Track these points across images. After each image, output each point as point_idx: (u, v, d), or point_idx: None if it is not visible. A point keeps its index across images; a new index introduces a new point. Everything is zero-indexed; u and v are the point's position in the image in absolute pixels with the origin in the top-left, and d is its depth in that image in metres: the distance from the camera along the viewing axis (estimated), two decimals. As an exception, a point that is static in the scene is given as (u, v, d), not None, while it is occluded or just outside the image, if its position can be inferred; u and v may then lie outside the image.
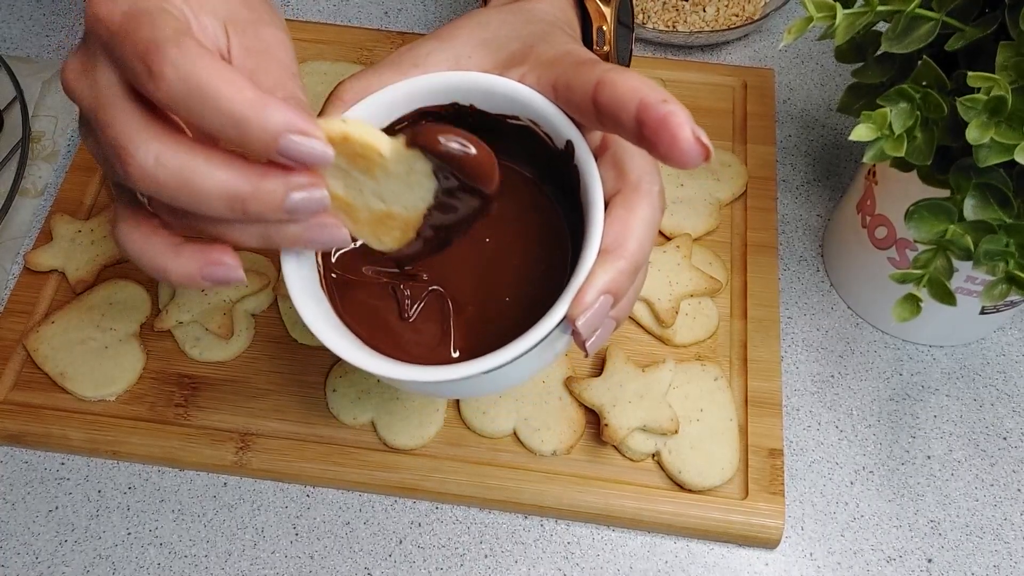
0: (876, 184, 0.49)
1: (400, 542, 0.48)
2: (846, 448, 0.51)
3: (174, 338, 0.53)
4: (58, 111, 0.64)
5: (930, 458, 0.50)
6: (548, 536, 0.48)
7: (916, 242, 0.39)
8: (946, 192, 0.40)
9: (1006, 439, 0.51)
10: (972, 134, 0.36)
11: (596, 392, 0.49)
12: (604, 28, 0.43)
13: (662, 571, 0.47)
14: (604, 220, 0.34)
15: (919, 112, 0.39)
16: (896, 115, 0.39)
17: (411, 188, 0.33)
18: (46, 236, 0.56)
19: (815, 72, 0.66)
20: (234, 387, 0.52)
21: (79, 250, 0.55)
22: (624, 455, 0.49)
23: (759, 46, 0.67)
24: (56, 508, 0.49)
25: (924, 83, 0.39)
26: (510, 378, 0.37)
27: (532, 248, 0.39)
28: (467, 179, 0.32)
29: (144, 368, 0.52)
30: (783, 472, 0.48)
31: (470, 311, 0.38)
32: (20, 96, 0.61)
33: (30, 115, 0.61)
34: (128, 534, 0.49)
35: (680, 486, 0.48)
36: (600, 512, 0.48)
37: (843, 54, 0.45)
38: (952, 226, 0.39)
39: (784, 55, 0.66)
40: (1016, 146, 0.36)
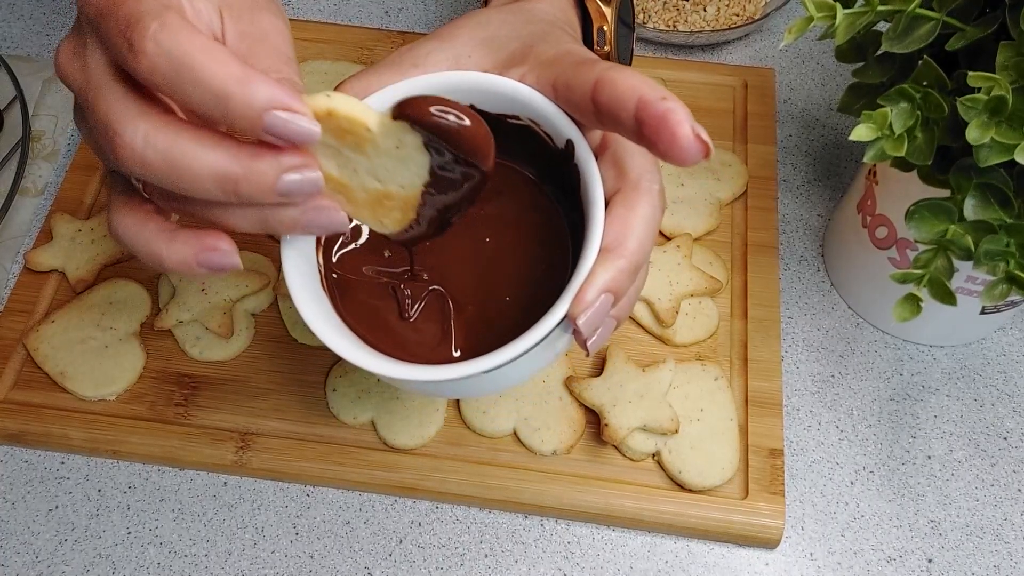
0: (876, 184, 0.49)
1: (400, 542, 0.48)
2: (846, 448, 0.51)
3: (174, 337, 0.53)
4: (58, 110, 0.64)
5: (930, 458, 0.50)
6: (548, 536, 0.48)
7: (916, 242, 0.39)
8: (946, 192, 0.40)
9: (1006, 439, 0.51)
10: (972, 134, 0.36)
11: (596, 392, 0.49)
12: (605, 28, 0.43)
13: (662, 571, 0.47)
14: (604, 219, 0.34)
15: (919, 112, 0.39)
16: (896, 115, 0.39)
17: (404, 164, 0.32)
18: (46, 235, 0.56)
19: (816, 72, 0.66)
20: (234, 386, 0.52)
21: (79, 249, 0.55)
22: (624, 455, 0.49)
23: (760, 46, 0.67)
24: (56, 507, 0.49)
25: (924, 83, 0.39)
26: (511, 378, 0.37)
27: (533, 248, 0.39)
28: (461, 152, 0.31)
29: (144, 367, 0.52)
30: (783, 472, 0.48)
31: (471, 311, 0.38)
32: (20, 95, 0.61)
33: (30, 114, 0.61)
34: (128, 533, 0.49)
35: (680, 486, 0.48)
36: (600, 512, 0.48)
37: (843, 54, 0.45)
38: (952, 226, 0.39)
39: (785, 55, 0.66)
40: (1016, 146, 0.36)
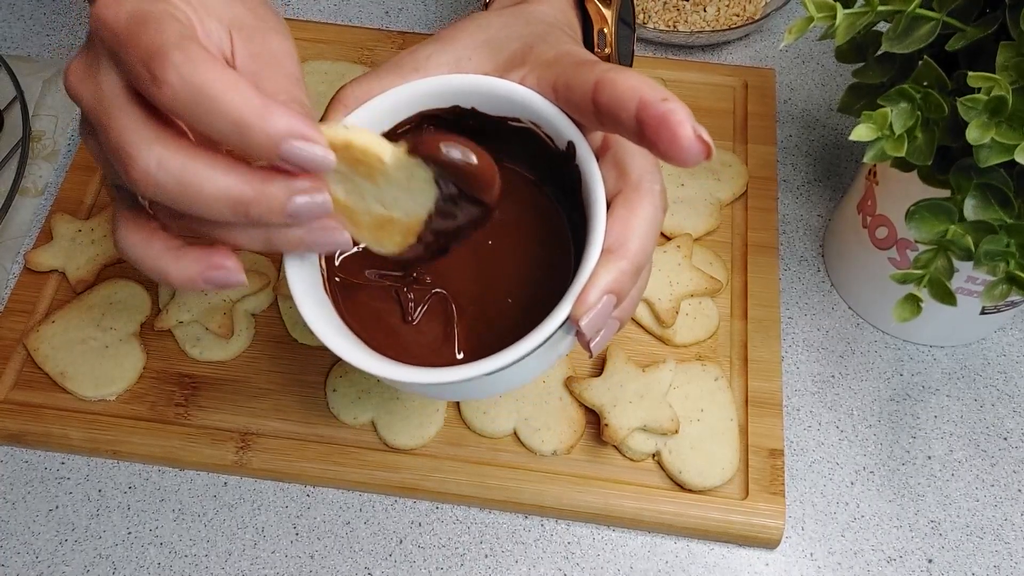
0: (877, 184, 0.49)
1: (400, 542, 0.48)
2: (846, 448, 0.51)
3: (174, 338, 0.53)
4: (58, 110, 0.64)
5: (930, 458, 0.50)
6: (548, 536, 0.48)
7: (917, 242, 0.39)
8: (947, 192, 0.40)
9: (1007, 439, 0.51)
10: (973, 134, 0.36)
11: (596, 392, 0.49)
12: (605, 30, 0.43)
13: (662, 571, 0.47)
14: (606, 220, 0.34)
15: (920, 112, 0.39)
16: (897, 115, 0.39)
17: (412, 194, 0.33)
18: (46, 236, 0.56)
19: (816, 72, 0.66)
20: (234, 387, 0.52)
21: (79, 249, 0.55)
22: (624, 455, 0.49)
23: (760, 46, 0.67)
24: (56, 507, 0.49)
25: (925, 83, 0.39)
26: (513, 379, 0.37)
27: (534, 250, 0.39)
28: (467, 188, 0.32)
29: (144, 368, 0.52)
30: (783, 472, 0.48)
31: (473, 313, 0.38)
32: (20, 95, 0.61)
33: (30, 114, 0.61)
34: (128, 533, 0.49)
35: (680, 486, 0.48)
36: (600, 512, 0.48)
37: (844, 54, 0.45)
38: (953, 226, 0.39)
39: (785, 55, 0.66)
40: (1016, 146, 0.36)
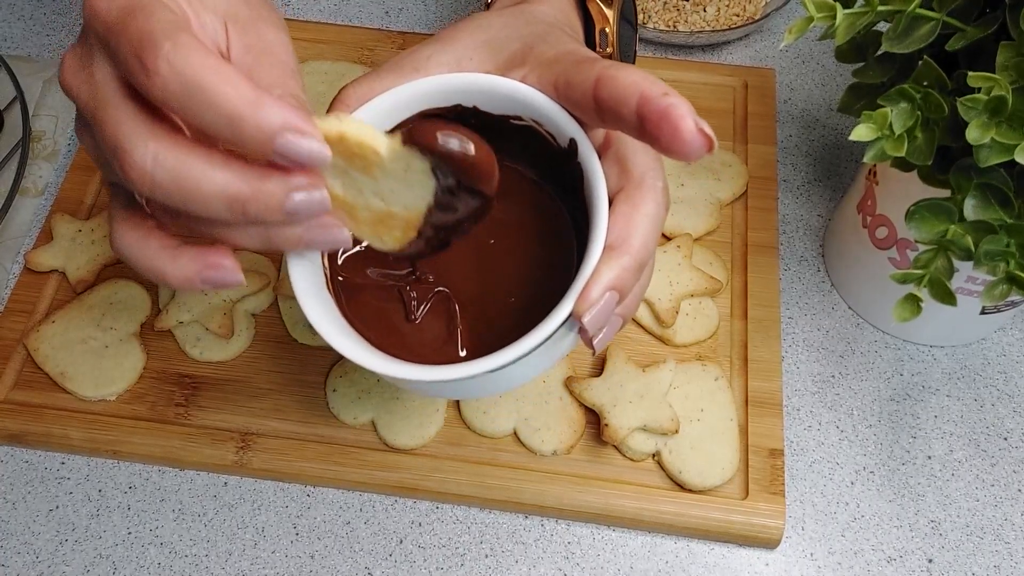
0: (877, 184, 0.49)
1: (400, 542, 0.48)
2: (847, 448, 0.51)
3: (174, 338, 0.53)
4: (59, 110, 0.64)
5: (931, 458, 0.50)
6: (548, 536, 0.48)
7: (917, 242, 0.39)
8: (947, 192, 0.40)
9: (1007, 439, 0.51)
10: (973, 134, 0.36)
11: (596, 392, 0.49)
12: (607, 30, 0.43)
13: (662, 571, 0.47)
14: (608, 217, 0.34)
15: (920, 112, 0.39)
16: (897, 115, 0.39)
17: (410, 187, 0.32)
18: (46, 236, 0.56)
19: (816, 72, 0.66)
20: (234, 387, 0.52)
21: (79, 250, 0.55)
22: (624, 455, 0.49)
23: (760, 46, 0.67)
24: (56, 507, 0.49)
25: (925, 83, 0.39)
26: (516, 377, 0.37)
27: (537, 248, 0.39)
28: (466, 179, 0.32)
29: (144, 368, 0.52)
30: (783, 472, 0.48)
31: (476, 312, 0.38)
32: (20, 95, 0.61)
33: (30, 114, 0.61)
34: (128, 533, 0.49)
35: (680, 486, 0.48)
36: (600, 512, 0.48)
37: (844, 54, 0.45)
38: (953, 226, 0.39)
39: (785, 55, 0.66)
40: (1016, 146, 0.36)
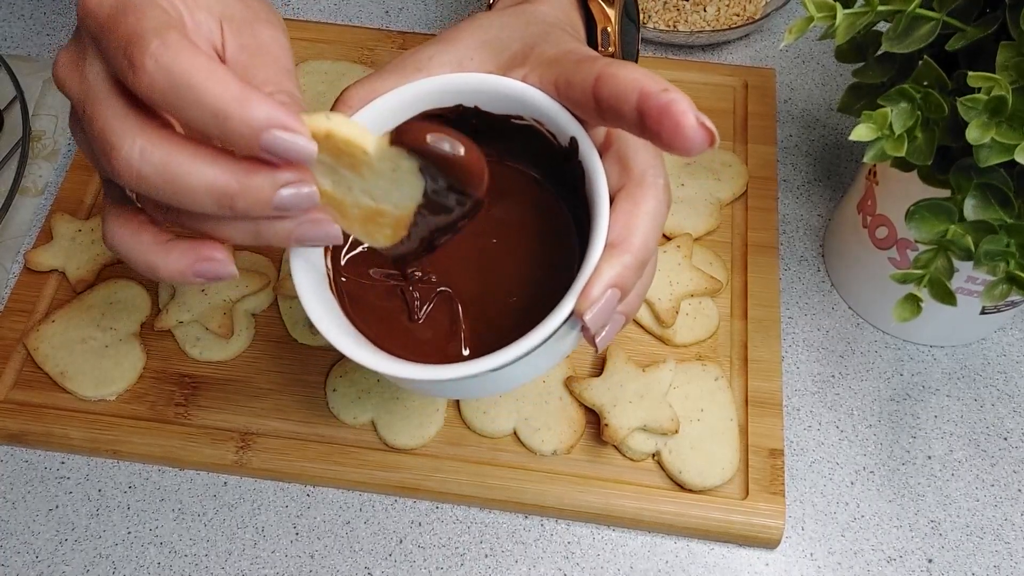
0: (877, 184, 0.49)
1: (400, 542, 0.48)
2: (847, 448, 0.51)
3: (174, 338, 0.53)
4: (58, 110, 0.64)
5: (931, 458, 0.50)
6: (548, 536, 0.48)
7: (917, 242, 0.39)
8: (947, 192, 0.40)
9: (1007, 439, 0.51)
10: (973, 134, 0.36)
11: (596, 392, 0.49)
12: (608, 30, 0.43)
13: (662, 571, 0.47)
14: (609, 215, 0.34)
15: (920, 112, 0.39)
16: (897, 115, 0.39)
17: (399, 186, 0.32)
18: (46, 235, 0.56)
19: (816, 72, 0.66)
20: (234, 387, 0.52)
21: (79, 249, 0.55)
22: (624, 455, 0.49)
23: (760, 46, 0.67)
24: (56, 507, 0.49)
25: (925, 83, 0.39)
26: (517, 376, 0.37)
27: (538, 247, 0.39)
28: (454, 181, 0.31)
29: (144, 367, 0.52)
30: (783, 472, 0.48)
31: (478, 311, 0.38)
32: (20, 95, 0.61)
33: (30, 114, 0.61)
34: (128, 533, 0.49)
35: (680, 486, 0.48)
36: (600, 512, 0.48)
37: (844, 54, 0.45)
38: (953, 226, 0.39)
39: (785, 55, 0.66)
40: (1017, 146, 0.36)
